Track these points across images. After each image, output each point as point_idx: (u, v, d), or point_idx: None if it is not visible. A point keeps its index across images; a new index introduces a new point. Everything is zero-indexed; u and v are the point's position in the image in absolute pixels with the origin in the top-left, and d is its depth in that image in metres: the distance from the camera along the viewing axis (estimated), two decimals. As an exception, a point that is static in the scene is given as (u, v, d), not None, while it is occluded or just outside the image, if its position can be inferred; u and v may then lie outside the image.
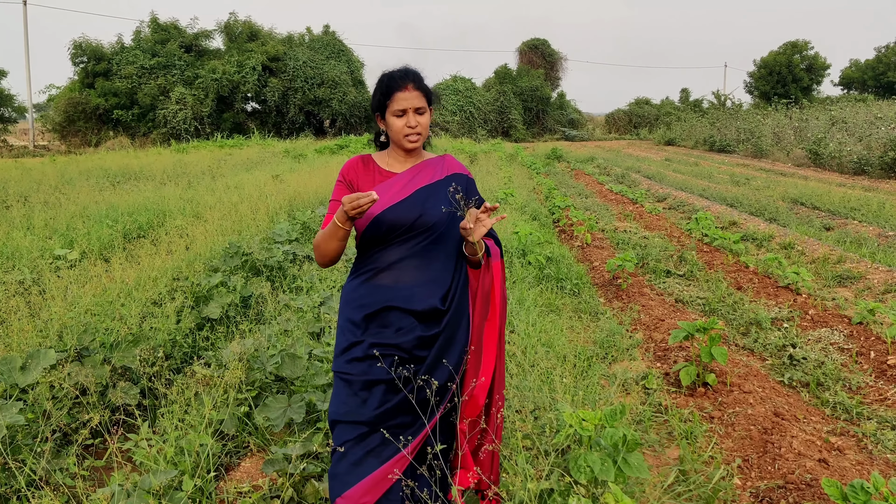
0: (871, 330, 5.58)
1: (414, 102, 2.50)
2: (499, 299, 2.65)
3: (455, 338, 2.56)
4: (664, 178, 19.61)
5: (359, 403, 2.45)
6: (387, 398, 2.45)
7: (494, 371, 2.66)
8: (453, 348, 2.55)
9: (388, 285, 2.51)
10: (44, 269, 6.39)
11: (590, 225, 10.05)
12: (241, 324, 5.22)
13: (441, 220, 2.54)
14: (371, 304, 2.50)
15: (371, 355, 2.45)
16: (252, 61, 37.95)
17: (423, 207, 2.51)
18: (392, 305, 2.48)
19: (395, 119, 2.52)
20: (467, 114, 47.03)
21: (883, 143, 21.02)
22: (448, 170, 2.67)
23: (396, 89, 2.49)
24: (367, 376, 2.45)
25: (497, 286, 2.64)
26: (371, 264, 2.56)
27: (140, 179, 15.69)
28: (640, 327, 5.97)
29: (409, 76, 2.52)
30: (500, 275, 2.67)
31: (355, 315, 2.52)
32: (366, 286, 2.54)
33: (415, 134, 2.53)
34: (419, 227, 2.51)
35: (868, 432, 3.99)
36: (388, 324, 2.50)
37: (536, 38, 54.83)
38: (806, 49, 57.19)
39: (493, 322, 2.65)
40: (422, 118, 2.53)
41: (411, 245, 2.52)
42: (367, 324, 2.50)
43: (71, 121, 35.86)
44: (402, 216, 2.50)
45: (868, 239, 9.63)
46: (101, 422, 3.74)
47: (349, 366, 2.49)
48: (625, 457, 2.71)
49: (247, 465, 3.62)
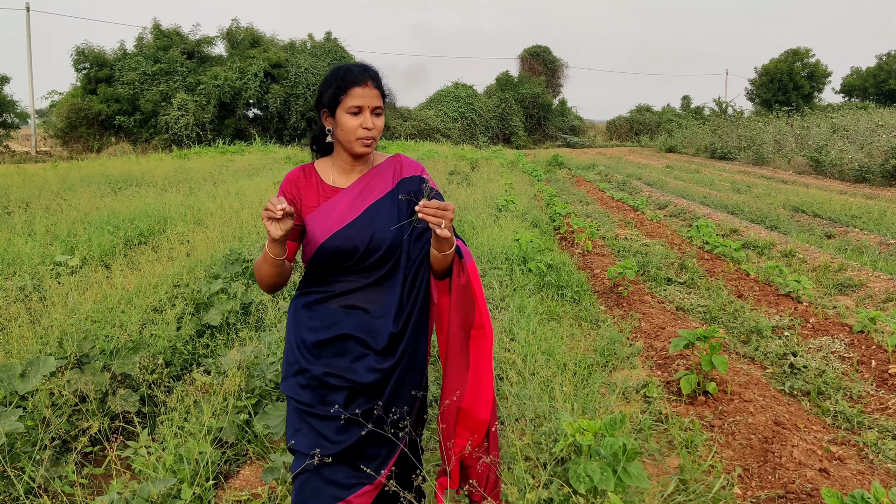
0: (872, 339, 5.57)
1: (373, 101, 2.21)
2: (482, 304, 2.29)
3: (413, 365, 2.31)
4: (665, 185, 19.61)
5: (315, 434, 2.23)
6: (343, 433, 2.22)
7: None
8: (412, 375, 2.31)
9: (343, 310, 2.26)
10: (44, 275, 6.40)
11: (591, 232, 10.06)
12: (241, 331, 5.21)
13: (396, 239, 2.25)
14: (324, 328, 2.25)
15: (326, 384, 2.22)
16: (254, 68, 38.04)
17: (373, 227, 2.21)
18: (348, 334, 2.24)
19: (348, 117, 2.20)
20: (469, 120, 47.13)
21: (884, 150, 21.02)
22: (400, 174, 2.36)
23: (355, 83, 2.19)
24: (321, 409, 2.22)
25: (477, 290, 2.28)
26: (323, 286, 2.29)
27: (141, 185, 15.71)
28: (641, 335, 5.96)
29: (369, 72, 2.24)
30: (478, 278, 2.32)
31: (307, 337, 2.27)
32: (319, 308, 2.28)
33: (370, 138, 2.22)
34: (373, 250, 2.22)
35: (869, 442, 3.98)
36: (343, 352, 2.25)
37: (538, 46, 55.01)
38: (807, 57, 57.32)
39: (484, 331, 2.29)
40: (378, 120, 2.24)
41: (367, 272, 2.25)
42: (320, 349, 2.26)
43: (73, 127, 35.92)
44: (350, 242, 2.20)
45: (869, 247, 9.63)
46: (101, 429, 3.74)
47: (302, 392, 2.26)
48: (625, 466, 2.71)
49: (246, 473, 3.62)
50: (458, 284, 2.29)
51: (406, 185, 2.32)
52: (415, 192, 2.27)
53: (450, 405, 2.33)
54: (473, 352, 2.30)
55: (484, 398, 2.29)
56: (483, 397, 2.29)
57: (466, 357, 2.31)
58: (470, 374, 2.30)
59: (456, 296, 2.29)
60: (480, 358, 2.30)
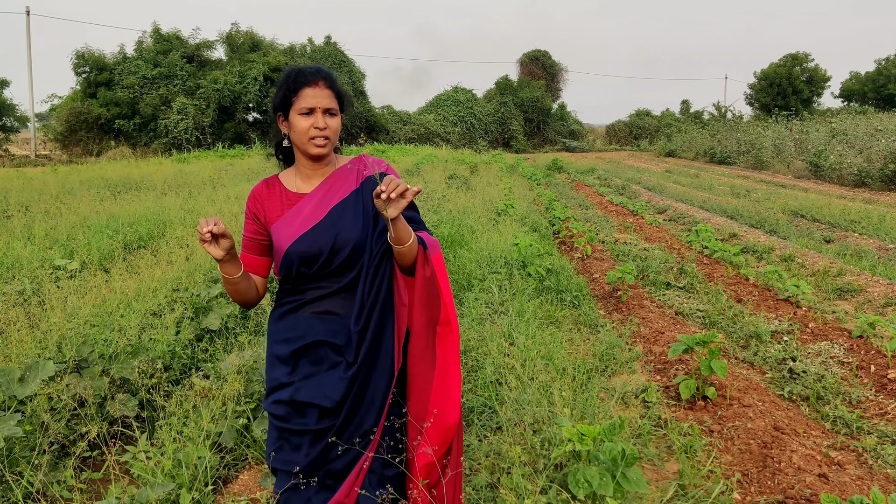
0: (871, 343, 5.57)
1: (324, 101, 2.17)
2: (448, 298, 2.19)
3: (377, 365, 2.21)
4: (664, 189, 19.63)
5: (291, 449, 2.21)
6: (315, 448, 2.19)
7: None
8: (376, 377, 2.21)
9: (315, 316, 2.22)
10: (44, 279, 6.40)
11: (590, 237, 10.06)
12: (240, 335, 5.21)
13: (361, 237, 2.18)
14: (296, 338, 2.21)
15: (299, 401, 2.18)
16: (254, 72, 38.09)
17: (336, 228, 2.16)
18: (322, 340, 2.19)
19: (299, 118, 2.17)
20: (468, 125, 47.22)
21: (883, 155, 21.04)
22: (363, 173, 2.31)
23: (305, 84, 2.17)
24: (295, 425, 2.20)
25: (442, 283, 2.18)
26: (295, 295, 2.25)
27: (141, 189, 15.72)
28: (640, 340, 5.96)
29: (321, 73, 2.21)
30: (444, 270, 2.22)
31: (281, 350, 2.24)
32: (291, 318, 2.24)
33: (322, 137, 2.17)
34: (337, 251, 2.16)
35: (868, 447, 3.98)
36: (318, 360, 2.21)
37: (537, 50, 55.13)
38: (806, 61, 57.41)
39: (450, 327, 2.20)
40: (332, 121, 2.19)
41: (336, 276, 2.21)
42: (297, 360, 2.22)
43: (73, 130, 35.94)
44: (314, 246, 2.16)
45: (868, 252, 9.63)
46: (99, 434, 3.74)
47: (276, 407, 2.23)
48: (623, 471, 2.71)
49: (245, 478, 3.61)
50: (422, 277, 2.17)
51: (371, 183, 2.26)
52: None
53: (415, 409, 2.23)
54: (440, 349, 2.20)
55: (451, 399, 2.20)
56: (450, 398, 2.20)
57: (433, 355, 2.21)
58: (437, 373, 2.20)
59: (420, 289, 2.18)
60: (448, 356, 2.21)
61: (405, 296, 2.24)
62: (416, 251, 2.14)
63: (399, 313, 2.25)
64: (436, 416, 2.19)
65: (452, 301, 2.21)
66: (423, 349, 2.21)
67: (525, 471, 3.05)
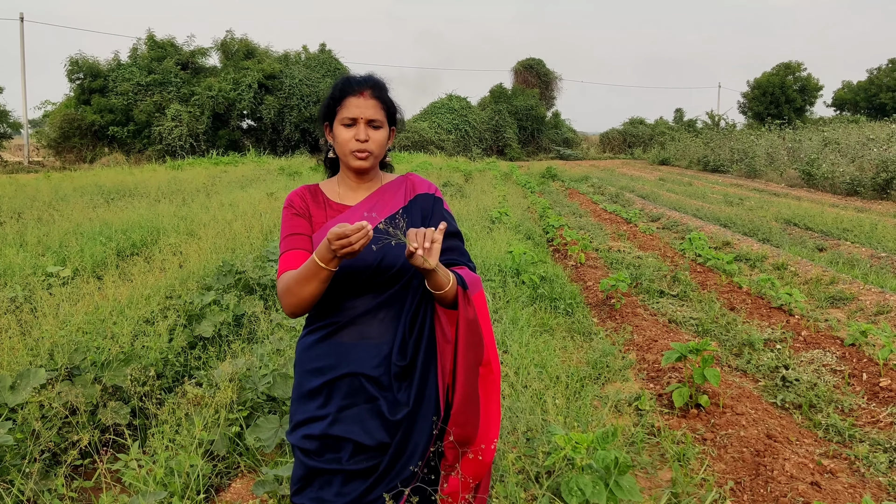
0: (863, 351, 5.59)
1: (367, 112, 2.05)
2: (490, 339, 2.09)
3: (422, 405, 2.09)
4: (658, 197, 19.70)
5: (320, 487, 2.09)
6: (348, 487, 2.06)
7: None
8: (422, 419, 2.09)
9: (351, 343, 2.08)
10: (36, 286, 6.37)
11: (584, 244, 10.08)
12: (233, 343, 5.20)
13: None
14: (329, 367, 2.08)
15: (333, 435, 2.06)
16: (248, 79, 38.11)
17: (385, 246, 1.99)
18: (357, 372, 2.06)
19: (342, 129, 2.06)
20: (462, 132, 47.30)
21: (875, 164, 21.19)
22: (412, 191, 2.21)
23: (350, 93, 2.06)
24: (327, 462, 2.07)
25: (485, 325, 2.07)
26: (330, 317, 2.10)
27: (134, 196, 15.68)
28: (633, 348, 5.97)
29: (368, 82, 2.09)
30: (485, 311, 2.09)
31: (313, 381, 2.10)
32: (325, 344, 2.10)
33: (363, 150, 2.06)
34: (385, 269, 2.04)
35: (860, 455, 3.99)
36: (354, 391, 2.07)
37: (531, 58, 55.35)
38: (799, 70, 57.83)
39: (490, 367, 2.10)
40: (376, 134, 2.07)
41: (378, 294, 2.08)
42: (330, 391, 2.08)
43: (66, 137, 35.87)
44: (361, 261, 2.02)
45: (860, 260, 9.68)
46: (91, 442, 3.71)
47: (307, 442, 2.09)
48: (617, 479, 2.71)
49: (237, 486, 3.60)
50: (465, 319, 2.03)
51: (421, 201, 2.19)
52: (428, 209, 2.18)
53: (454, 448, 2.12)
54: (483, 391, 2.10)
55: (490, 439, 2.11)
56: (489, 438, 2.11)
57: (477, 399, 2.10)
58: (480, 415, 2.10)
59: (464, 332, 2.04)
60: (490, 397, 2.12)
61: (449, 332, 2.10)
62: (454, 292, 2.01)
63: (443, 350, 2.12)
64: (475, 455, 2.11)
65: (494, 341, 2.12)
66: (466, 396, 2.08)
67: (518, 478, 3.05)
